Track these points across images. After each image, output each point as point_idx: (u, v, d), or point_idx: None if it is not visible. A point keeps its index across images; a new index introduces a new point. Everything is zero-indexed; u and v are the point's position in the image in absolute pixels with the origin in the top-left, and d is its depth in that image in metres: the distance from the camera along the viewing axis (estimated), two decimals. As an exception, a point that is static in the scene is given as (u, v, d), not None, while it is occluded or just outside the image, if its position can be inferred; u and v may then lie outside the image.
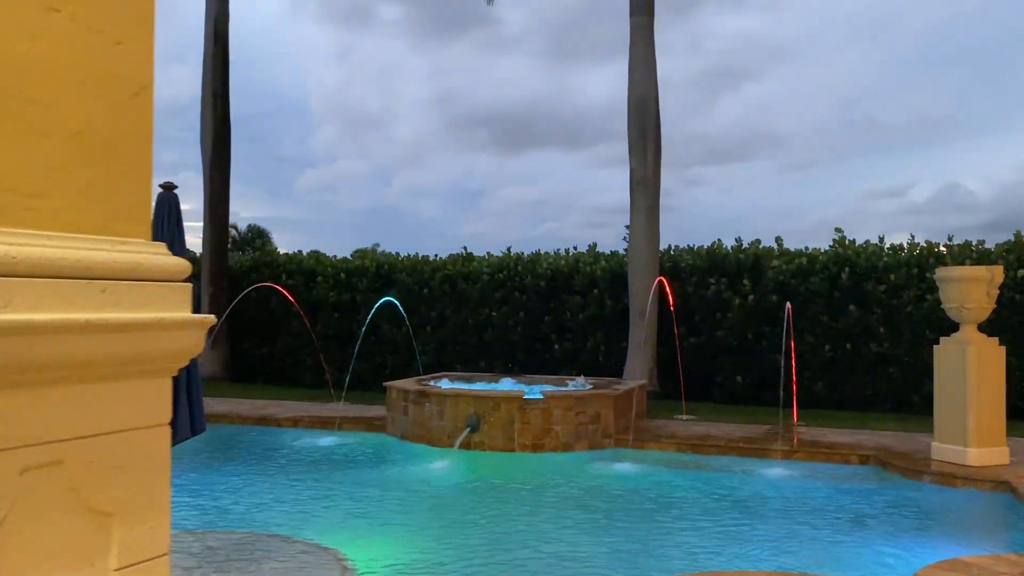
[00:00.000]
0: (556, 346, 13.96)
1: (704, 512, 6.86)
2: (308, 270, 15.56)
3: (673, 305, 12.50)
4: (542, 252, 14.78)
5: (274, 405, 12.10)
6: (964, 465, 7.82)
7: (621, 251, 14.39)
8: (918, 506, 7.18)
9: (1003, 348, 8.01)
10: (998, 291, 7.98)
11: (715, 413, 11.71)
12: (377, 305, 13.29)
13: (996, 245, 12.10)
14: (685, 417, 11.13)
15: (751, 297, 12.72)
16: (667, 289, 11.97)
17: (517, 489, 7.71)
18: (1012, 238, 12.06)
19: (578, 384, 10.53)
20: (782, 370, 12.32)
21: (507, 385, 10.92)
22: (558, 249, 14.74)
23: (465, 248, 15.10)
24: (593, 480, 8.12)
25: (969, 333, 8.05)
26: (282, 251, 17.05)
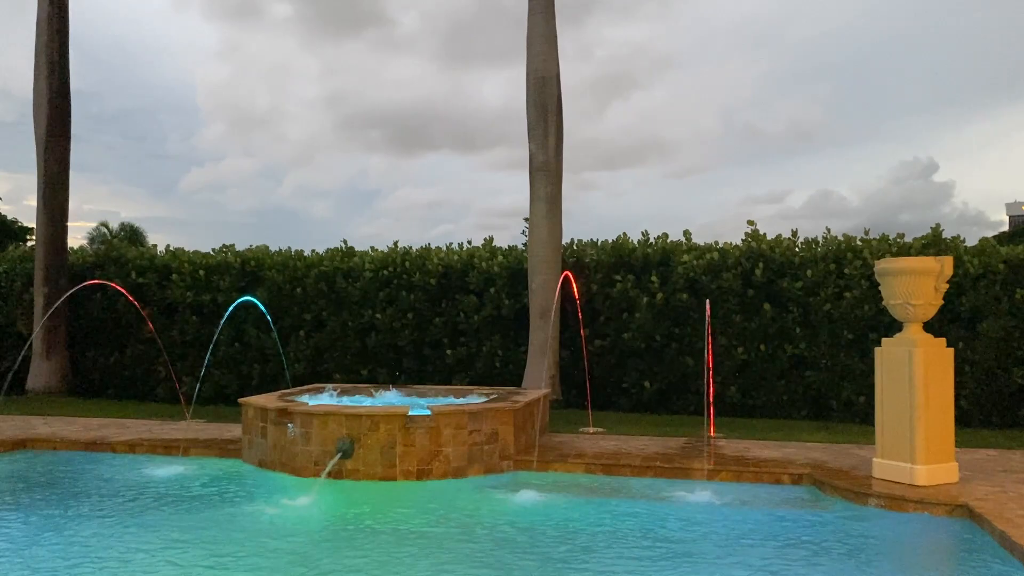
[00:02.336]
0: (449, 351, 12.50)
1: (628, 558, 5.57)
2: (161, 267, 13.55)
3: (572, 304, 11.27)
4: (433, 247, 13.30)
5: (112, 425, 10.18)
6: (912, 485, 6.83)
7: (520, 246, 13.08)
8: (867, 536, 6.10)
9: (951, 350, 7.08)
10: (947, 285, 7.03)
11: (624, 424, 10.53)
12: (233, 306, 11.52)
13: (914, 239, 11.42)
14: (592, 430, 9.89)
15: (660, 295, 11.62)
16: (572, 286, 10.71)
17: (393, 532, 6.23)
18: (930, 231, 11.40)
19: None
20: (698, 375, 11.29)
21: (390, 399, 9.42)
22: (451, 243, 13.31)
23: (345, 242, 13.47)
24: (490, 517, 6.71)
25: (915, 333, 7.08)
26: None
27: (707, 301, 9.95)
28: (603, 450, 8.58)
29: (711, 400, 10.10)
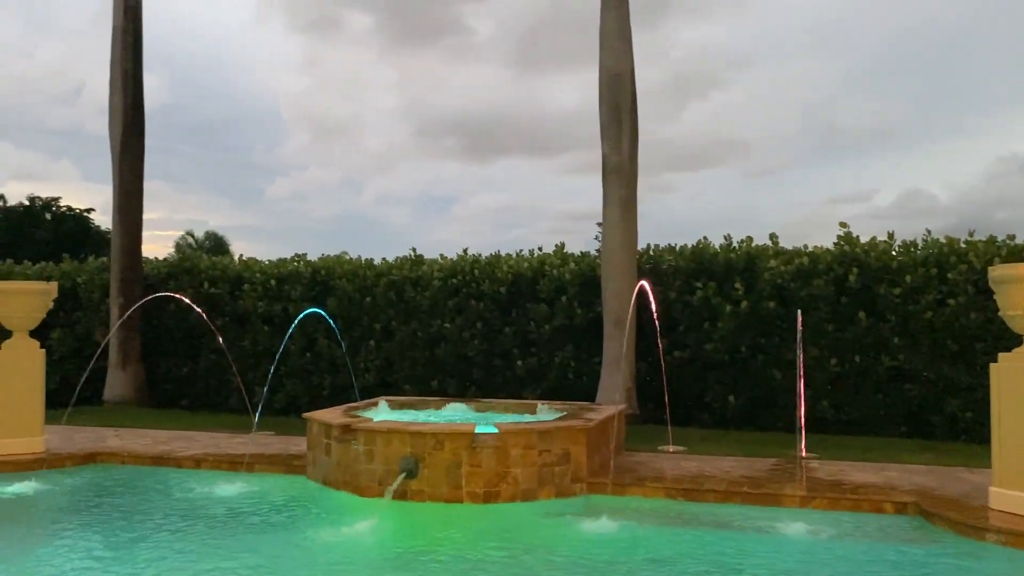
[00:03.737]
0: (519, 362, 12.05)
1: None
2: (234, 277, 13.52)
3: (650, 313, 10.67)
4: (503, 254, 12.89)
5: (181, 439, 10.08)
6: (1039, 520, 6.04)
7: (593, 252, 12.55)
8: (987, 578, 5.40)
9: (1083, 367, 6.25)
10: (1077, 294, 6.22)
11: (707, 442, 9.88)
12: (300, 317, 11.32)
13: (1027, 240, 10.43)
14: (672, 449, 9.29)
15: (744, 303, 10.92)
16: (650, 294, 10.13)
17: (455, 563, 5.80)
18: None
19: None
20: (787, 389, 10.57)
21: (457, 414, 9.03)
22: (521, 250, 12.87)
23: (414, 250, 13.17)
24: (562, 546, 6.23)
25: (1039, 348, 6.29)
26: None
27: (798, 311, 9.22)
28: (684, 472, 7.98)
29: (801, 417, 9.37)
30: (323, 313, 11.29)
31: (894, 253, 10.85)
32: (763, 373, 10.95)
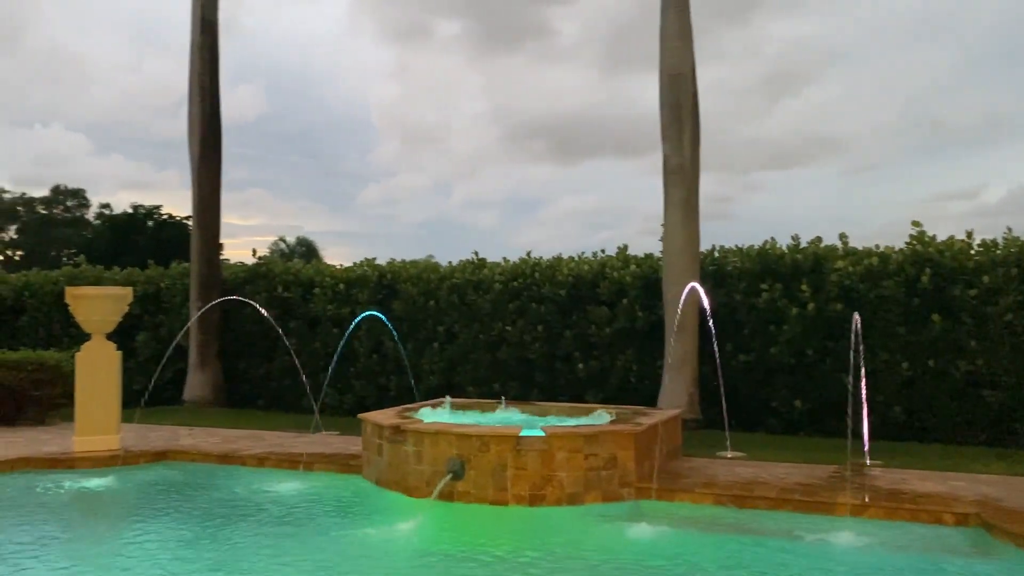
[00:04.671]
0: (580, 365, 12.01)
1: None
2: (306, 281, 13.92)
3: (712, 316, 10.48)
4: (564, 256, 12.87)
5: (249, 438, 10.44)
6: (1110, 535, 5.67)
7: (657, 254, 12.39)
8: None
9: None
10: None
11: (770, 448, 9.64)
12: (357, 320, 11.56)
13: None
14: (730, 455, 9.10)
15: (811, 306, 10.60)
16: (701, 296, 9.95)
17: (494, 564, 5.83)
18: None
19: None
20: (850, 394, 10.21)
21: (510, 417, 9.07)
22: (583, 252, 12.82)
23: (476, 253, 13.28)
24: (601, 552, 6.18)
25: (1110, 352, 5.90)
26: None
27: (855, 314, 8.88)
28: (737, 479, 7.80)
29: (866, 422, 9.04)
30: (380, 316, 11.50)
31: (972, 253, 10.34)
32: (830, 377, 10.60)
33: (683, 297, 10.19)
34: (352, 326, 11.60)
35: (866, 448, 8.77)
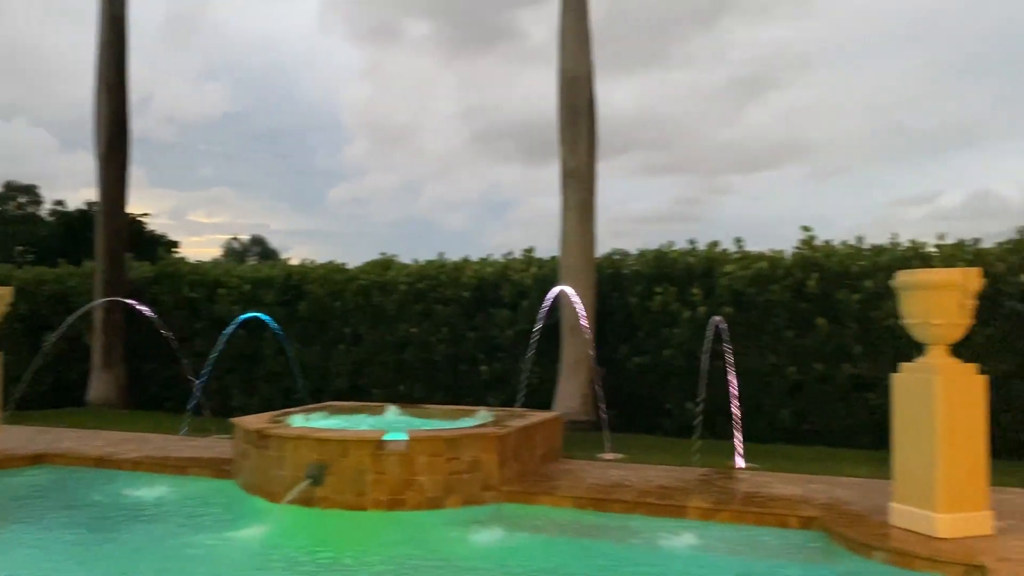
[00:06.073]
0: (483, 367, 12.01)
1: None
2: (211, 281, 13.74)
3: (607, 317, 10.53)
4: (475, 259, 12.85)
5: (135, 440, 10.25)
6: (930, 537, 5.78)
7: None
8: (862, 599, 5.19)
9: (983, 378, 5.98)
10: (975, 302, 5.95)
11: (654, 450, 9.70)
12: (238, 321, 11.42)
13: (997, 244, 10.02)
14: (609, 457, 9.14)
15: (702, 309, 10.71)
16: (574, 299, 10.00)
17: (336, 570, 5.79)
18: (1017, 236, 9.98)
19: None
20: (748, 397, 10.36)
21: (387, 420, 9.03)
22: (491, 254, 12.82)
23: (383, 254, 13.22)
24: (448, 555, 6.19)
25: (937, 358, 6.05)
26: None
27: (717, 318, 8.98)
28: (603, 481, 7.83)
29: (738, 427, 9.16)
30: (265, 318, 11.38)
31: (860, 257, 10.51)
32: (723, 381, 10.69)
33: (549, 299, 10.15)
34: (232, 327, 11.43)
35: (740, 451, 8.88)
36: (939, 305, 5.89)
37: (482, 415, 8.87)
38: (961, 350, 9.04)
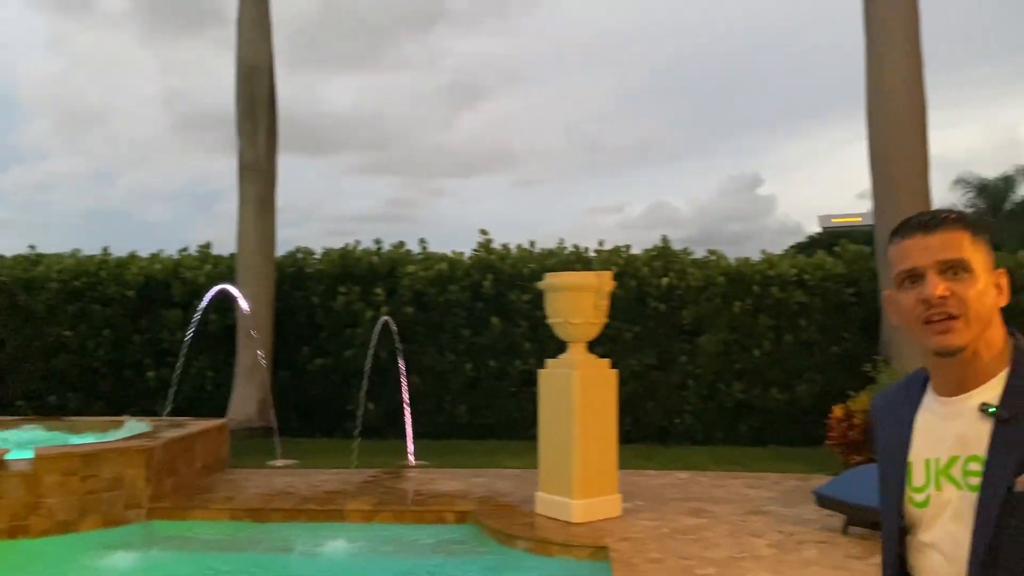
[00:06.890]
0: (151, 373, 11.06)
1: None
2: None
3: (290, 317, 10.18)
4: (141, 255, 11.79)
5: None
6: (568, 523, 6.20)
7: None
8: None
9: (614, 372, 6.54)
10: (607, 303, 6.48)
11: (330, 453, 9.50)
12: None
13: (644, 251, 11.11)
14: (280, 463, 8.82)
15: (384, 309, 10.72)
16: (239, 298, 9.61)
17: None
18: (660, 243, 11.13)
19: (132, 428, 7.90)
20: (428, 396, 10.54)
21: (21, 435, 7.98)
22: (162, 250, 11.85)
23: (32, 247, 11.71)
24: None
25: (577, 354, 6.49)
26: None
27: (385, 318, 9.11)
28: (266, 490, 7.51)
29: (409, 425, 9.33)
30: None
31: (531, 260, 11.12)
32: (400, 380, 10.79)
33: (207, 297, 9.63)
34: None
35: (411, 449, 9.00)
36: (576, 305, 6.34)
37: (132, 426, 8.15)
38: (612, 347, 9.94)
